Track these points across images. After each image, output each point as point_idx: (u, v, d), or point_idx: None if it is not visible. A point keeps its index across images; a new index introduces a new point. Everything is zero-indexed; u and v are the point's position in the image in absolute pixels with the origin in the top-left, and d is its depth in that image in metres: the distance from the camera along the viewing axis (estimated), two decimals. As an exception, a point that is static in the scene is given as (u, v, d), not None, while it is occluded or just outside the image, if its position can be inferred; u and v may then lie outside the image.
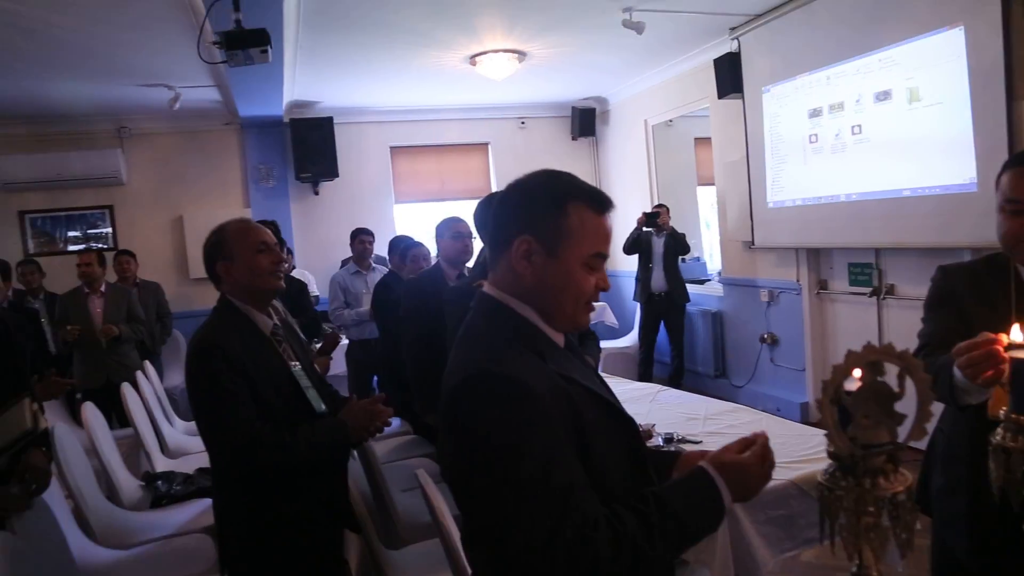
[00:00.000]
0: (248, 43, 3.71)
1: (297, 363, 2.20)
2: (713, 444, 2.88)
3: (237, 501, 2.11)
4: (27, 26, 4.48)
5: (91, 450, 3.54)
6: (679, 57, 6.62)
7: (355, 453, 2.79)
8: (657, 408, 3.57)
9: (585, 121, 8.44)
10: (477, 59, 6.03)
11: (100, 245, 7.30)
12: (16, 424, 1.84)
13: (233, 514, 2.13)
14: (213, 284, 2.24)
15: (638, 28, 5.09)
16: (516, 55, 5.99)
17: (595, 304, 1.36)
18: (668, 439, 2.92)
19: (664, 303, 6.70)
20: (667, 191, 7.69)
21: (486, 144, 8.49)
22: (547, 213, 1.27)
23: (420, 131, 8.18)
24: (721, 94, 6.03)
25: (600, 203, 1.30)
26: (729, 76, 5.88)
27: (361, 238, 5.95)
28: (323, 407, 2.19)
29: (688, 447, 2.83)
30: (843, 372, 1.01)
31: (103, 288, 5.37)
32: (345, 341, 5.91)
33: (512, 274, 1.29)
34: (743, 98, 5.86)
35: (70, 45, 4.94)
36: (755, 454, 1.28)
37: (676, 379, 6.62)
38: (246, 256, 2.14)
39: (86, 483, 3.20)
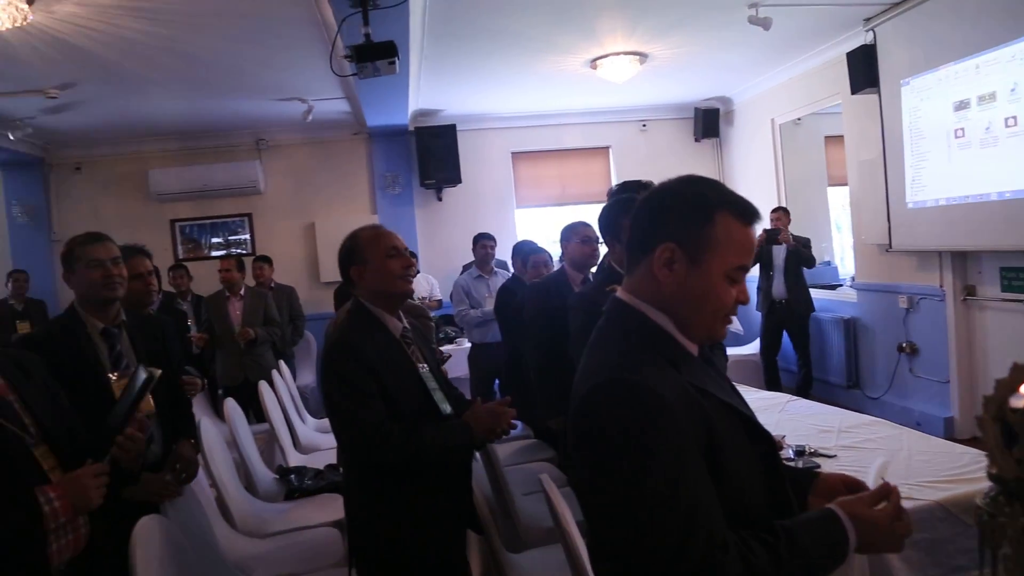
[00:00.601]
0: (377, 55, 3.85)
1: (425, 365, 2.26)
2: (848, 458, 2.73)
3: (366, 497, 2.17)
4: (182, 50, 4.84)
5: (232, 443, 3.77)
6: (808, 52, 6.35)
7: (478, 455, 2.83)
8: (787, 419, 3.42)
9: (709, 122, 8.24)
10: (598, 63, 6.01)
11: (240, 251, 7.79)
12: (135, 381, 1.98)
13: (362, 510, 2.19)
14: (347, 287, 2.32)
15: (765, 24, 4.92)
16: (637, 57, 5.92)
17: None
18: (799, 452, 2.79)
19: (785, 311, 6.46)
20: (795, 193, 7.39)
21: (607, 148, 8.43)
22: (693, 221, 1.23)
23: (541, 136, 8.22)
24: (855, 89, 5.73)
25: (748, 214, 1.26)
26: (863, 70, 5.58)
27: (483, 243, 6.04)
28: (448, 408, 2.22)
29: (821, 461, 2.70)
30: (1009, 387, 0.93)
31: (242, 292, 5.72)
32: (467, 344, 6.02)
33: (650, 281, 1.26)
34: (879, 93, 5.54)
35: (216, 66, 5.30)
36: (888, 513, 1.21)
37: (804, 389, 6.35)
38: (378, 261, 2.21)
39: (227, 474, 3.40)
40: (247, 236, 7.97)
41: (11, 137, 6.58)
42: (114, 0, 3.97)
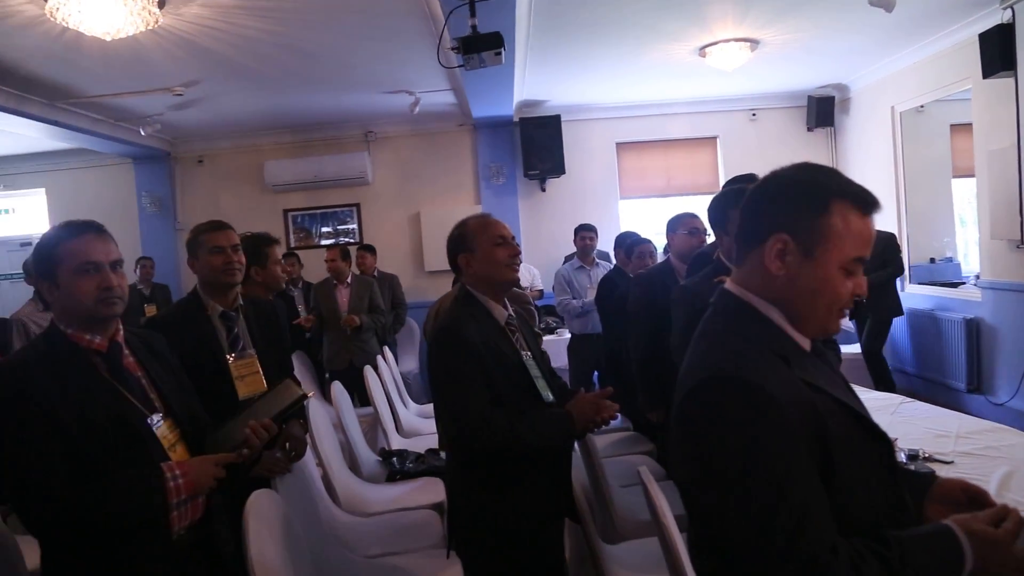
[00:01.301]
0: (483, 47, 3.88)
1: (528, 352, 2.27)
2: (967, 466, 2.57)
3: (467, 481, 2.21)
4: (297, 47, 5.04)
5: (337, 425, 3.90)
6: (935, 34, 5.97)
7: (576, 445, 2.82)
8: (900, 421, 3.24)
9: (823, 110, 7.89)
10: (707, 50, 5.86)
11: (348, 239, 8.05)
12: (288, 394, 2.07)
13: (462, 494, 2.23)
14: (455, 275, 2.36)
15: (887, 5, 4.65)
16: (748, 44, 5.74)
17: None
18: (912, 456, 2.65)
19: (860, 310, 6.15)
20: (915, 185, 6.99)
21: (714, 138, 8.22)
22: (808, 211, 1.18)
23: (646, 126, 8.10)
24: (987, 73, 5.34)
25: (867, 203, 1.20)
26: (998, 52, 5.19)
27: (583, 234, 6.00)
28: (550, 397, 2.22)
29: (936, 467, 2.55)
30: None
31: (349, 280, 5.92)
32: (568, 334, 6.02)
33: (761, 273, 1.22)
34: (1016, 77, 5.16)
35: (328, 60, 5.48)
36: (1009, 531, 1.12)
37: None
38: (485, 249, 2.24)
39: (333, 454, 3.53)
40: (355, 225, 8.23)
41: (142, 133, 7.03)
42: (236, 1, 4.16)
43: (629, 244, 4.84)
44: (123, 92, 5.89)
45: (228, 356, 2.58)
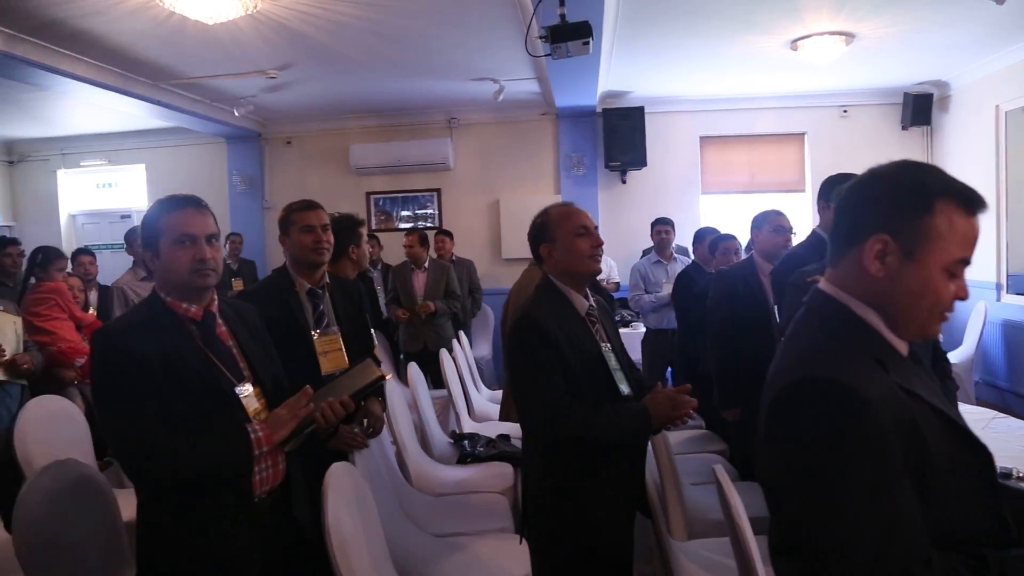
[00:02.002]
0: (571, 36, 3.87)
1: (608, 344, 2.26)
2: (1065, 485, 2.45)
3: (543, 468, 2.22)
4: (386, 32, 5.13)
5: (412, 405, 3.99)
6: (1048, 31, 5.65)
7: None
8: (992, 437, 3.10)
9: (919, 108, 7.55)
10: (799, 43, 5.69)
11: (426, 224, 8.17)
12: (368, 374, 2.13)
13: (538, 480, 2.25)
14: (536, 264, 2.38)
15: (999, -1, 4.43)
16: (843, 37, 5.55)
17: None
18: (1006, 474, 2.53)
19: None
20: (1019, 188, 6.64)
21: (802, 134, 7.98)
22: (911, 211, 1.14)
23: (732, 121, 7.93)
24: (1104, 73, 5.04)
25: (973, 203, 1.15)
26: (1117, 51, 4.88)
27: (659, 228, 5.92)
28: (627, 389, 2.21)
29: (1031, 487, 2.44)
30: None
31: (426, 264, 6.01)
32: (643, 328, 5.97)
33: (859, 274, 1.19)
34: None
35: (416, 47, 5.56)
36: None
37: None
38: (567, 239, 2.24)
39: (407, 433, 3.61)
40: (435, 210, 8.34)
41: (236, 114, 7.29)
42: (330, -14, 4.27)
43: (713, 240, 4.75)
44: (220, 74, 6.12)
45: (313, 332, 2.67)
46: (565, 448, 2.15)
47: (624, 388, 2.20)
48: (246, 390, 1.91)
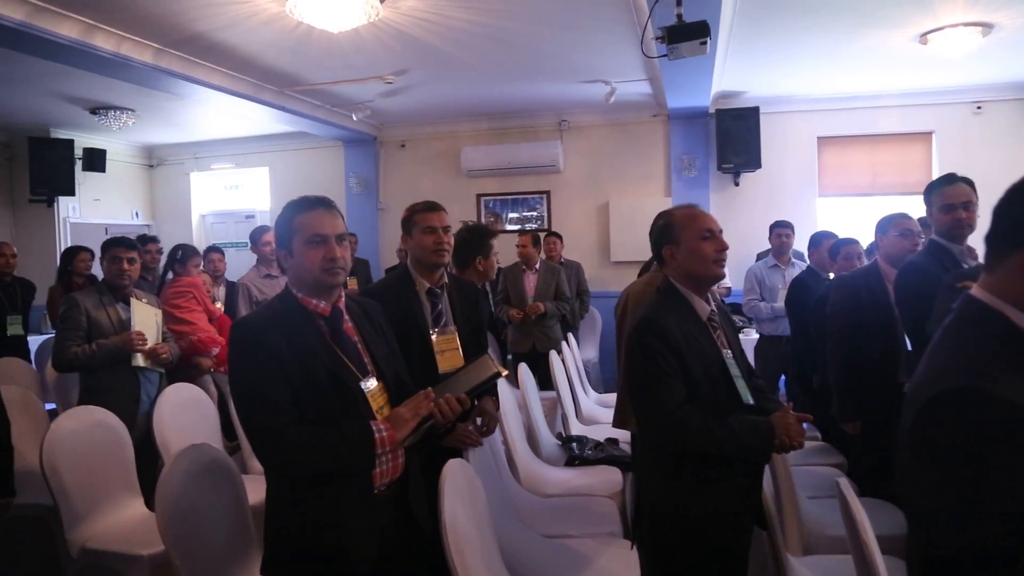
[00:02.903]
0: (689, 36, 3.82)
1: (729, 351, 2.21)
2: None
3: (658, 474, 2.20)
4: (499, 36, 5.21)
5: (521, 405, 4.02)
6: None
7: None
8: None
9: (1065, 105, 7.01)
10: (929, 36, 5.38)
11: (535, 226, 8.22)
12: (484, 370, 2.16)
13: (652, 485, 2.23)
14: (658, 267, 2.35)
15: None
16: (980, 28, 5.20)
17: None
18: None
19: None
20: None
21: (929, 133, 7.54)
22: None
23: (852, 120, 7.58)
24: None
25: None
26: None
27: (779, 231, 5.74)
28: (750, 399, 2.15)
29: None
30: None
31: (537, 265, 6.05)
32: (755, 335, 5.81)
33: (1018, 281, 1.12)
34: None
35: (528, 50, 5.61)
36: None
37: None
38: (691, 242, 2.20)
39: (517, 433, 3.65)
40: (544, 212, 8.38)
41: (354, 118, 7.57)
42: (448, -7, 4.37)
43: (834, 244, 4.54)
44: (341, 80, 6.36)
45: (432, 331, 2.74)
46: (683, 456, 2.11)
47: (747, 397, 2.14)
48: (371, 385, 1.98)
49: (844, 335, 3.40)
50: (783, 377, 5.46)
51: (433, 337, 2.73)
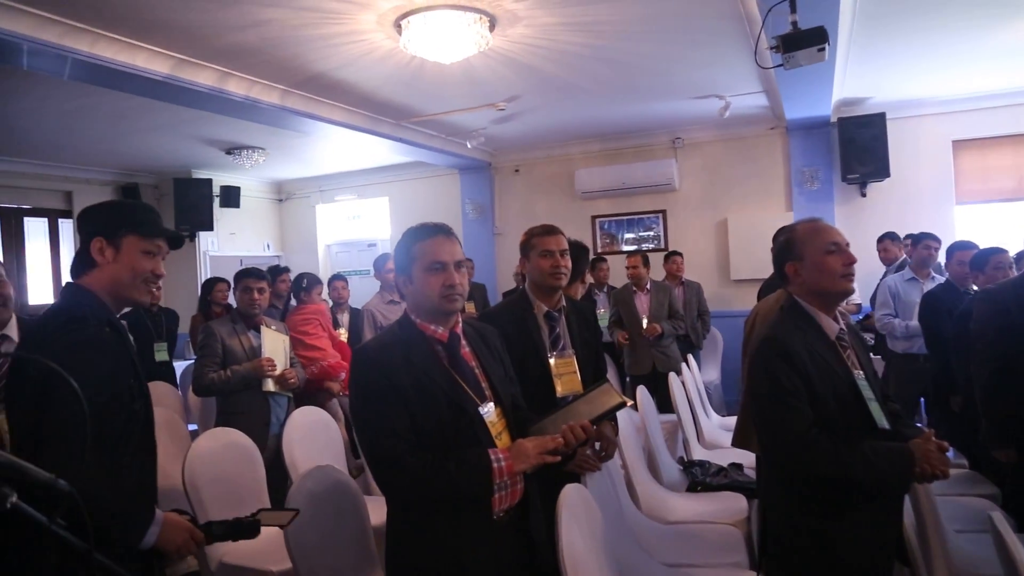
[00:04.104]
0: (805, 43, 3.68)
1: (861, 372, 2.08)
2: None
3: (785, 501, 2.09)
4: (610, 57, 5.20)
5: (641, 429, 3.94)
6: None
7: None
8: None
9: None
10: (1081, 26, 4.96)
11: (651, 246, 8.10)
12: (608, 400, 2.12)
13: (779, 514, 2.12)
14: (782, 284, 2.26)
15: None
16: None
17: None
18: None
19: None
20: None
21: (1082, 130, 6.92)
22: None
23: (992, 120, 7.04)
24: None
25: None
26: None
27: (926, 243, 5.29)
28: (885, 423, 2.02)
29: None
30: None
31: (648, 286, 5.97)
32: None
33: None
34: None
35: (640, 69, 5.57)
36: None
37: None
38: (816, 257, 2.11)
39: (637, 458, 3.58)
40: (660, 232, 8.26)
41: (468, 146, 7.74)
42: (557, 19, 4.40)
43: (979, 255, 4.13)
44: (454, 110, 6.52)
45: (550, 354, 2.73)
46: (812, 484, 1.99)
47: (882, 421, 2.00)
48: (489, 410, 1.98)
49: (991, 353, 3.13)
50: (923, 400, 5.10)
51: (551, 361, 2.72)
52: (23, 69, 4.27)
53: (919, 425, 2.19)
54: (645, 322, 5.80)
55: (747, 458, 4.05)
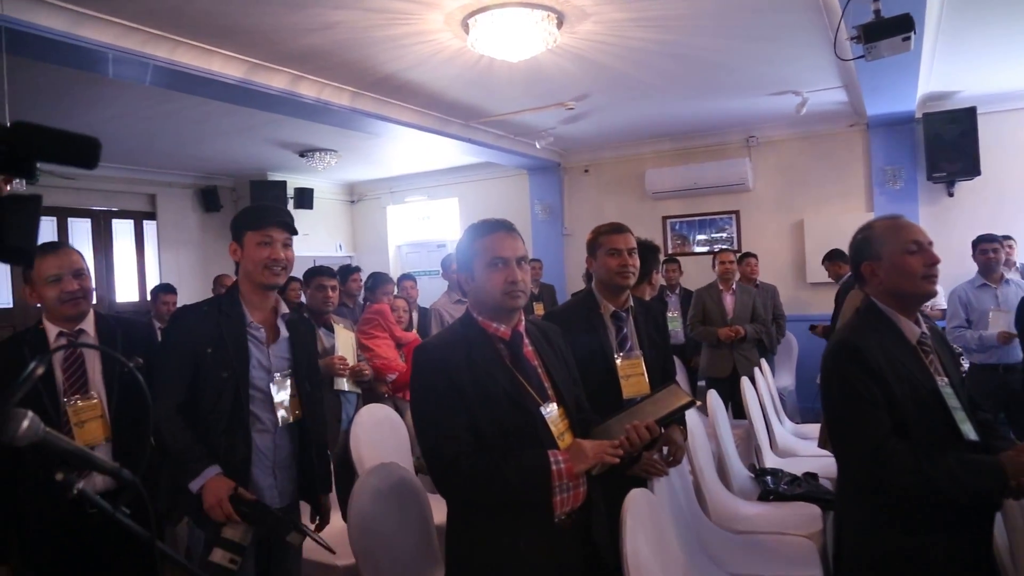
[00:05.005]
0: (889, 32, 3.51)
1: (946, 379, 1.95)
2: None
3: (861, 515, 1.98)
4: (681, 54, 5.08)
5: (711, 434, 3.83)
6: None
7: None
8: None
9: None
10: None
11: (722, 247, 7.89)
12: (675, 399, 2.05)
13: (855, 528, 2.01)
14: (858, 285, 2.14)
15: None
16: None
17: None
18: None
19: None
20: None
21: None
22: None
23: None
24: None
25: None
26: None
27: (983, 247, 4.99)
28: (973, 435, 1.88)
29: None
30: None
31: (734, 287, 5.84)
32: (966, 364, 5.12)
33: None
34: None
35: (712, 65, 5.43)
36: None
37: None
38: (895, 256, 1.99)
39: (706, 464, 3.47)
40: (732, 233, 8.05)
41: (537, 146, 7.71)
42: (626, 14, 4.32)
43: None
44: (523, 109, 6.50)
45: (616, 355, 2.66)
46: (891, 496, 1.87)
47: (968, 432, 1.87)
48: (551, 410, 1.94)
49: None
50: (1003, 414, 4.79)
51: (618, 362, 2.65)
52: (109, 77, 4.44)
53: (1011, 437, 2.03)
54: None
55: (823, 468, 3.90)
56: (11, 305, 7.61)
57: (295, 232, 2.43)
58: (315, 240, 9.87)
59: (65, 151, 1.00)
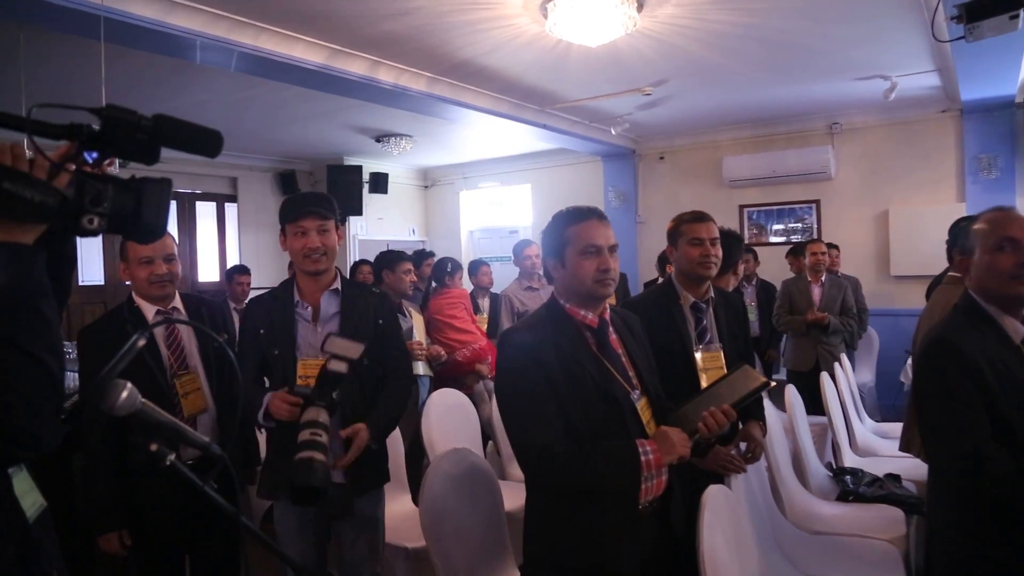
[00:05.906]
0: (994, 10, 3.31)
1: None
2: None
3: (955, 522, 1.89)
4: (764, 36, 4.92)
5: (788, 431, 3.72)
6: None
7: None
8: None
9: None
10: None
11: (800, 238, 7.66)
12: (749, 381, 2.00)
13: (948, 536, 1.92)
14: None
15: None
16: None
17: None
18: None
19: None
20: None
21: None
22: None
23: None
24: None
25: None
26: None
27: None
28: None
29: None
30: None
31: (823, 278, 5.71)
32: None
33: None
34: None
35: (796, 49, 5.24)
36: None
37: None
38: (984, 252, 1.90)
39: (784, 462, 3.38)
40: (812, 223, 7.80)
41: (612, 132, 7.60)
42: (708, -4, 4.21)
43: None
44: (599, 95, 6.41)
45: (695, 347, 2.60)
46: (989, 502, 1.78)
47: None
48: (638, 399, 1.93)
49: None
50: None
51: (697, 354, 2.59)
52: (196, 64, 4.57)
53: None
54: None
55: (905, 469, 3.75)
56: (103, 282, 7.97)
57: (331, 216, 2.46)
58: (389, 224, 10.00)
59: (195, 141, 1.13)
